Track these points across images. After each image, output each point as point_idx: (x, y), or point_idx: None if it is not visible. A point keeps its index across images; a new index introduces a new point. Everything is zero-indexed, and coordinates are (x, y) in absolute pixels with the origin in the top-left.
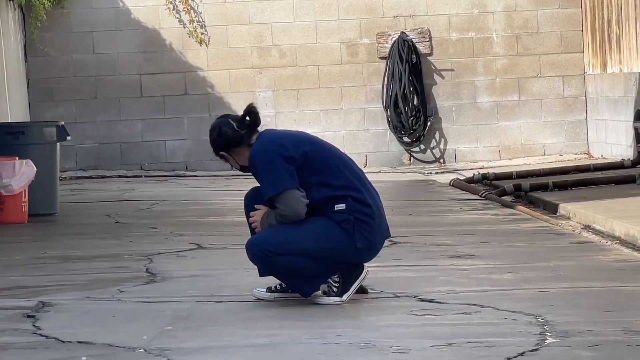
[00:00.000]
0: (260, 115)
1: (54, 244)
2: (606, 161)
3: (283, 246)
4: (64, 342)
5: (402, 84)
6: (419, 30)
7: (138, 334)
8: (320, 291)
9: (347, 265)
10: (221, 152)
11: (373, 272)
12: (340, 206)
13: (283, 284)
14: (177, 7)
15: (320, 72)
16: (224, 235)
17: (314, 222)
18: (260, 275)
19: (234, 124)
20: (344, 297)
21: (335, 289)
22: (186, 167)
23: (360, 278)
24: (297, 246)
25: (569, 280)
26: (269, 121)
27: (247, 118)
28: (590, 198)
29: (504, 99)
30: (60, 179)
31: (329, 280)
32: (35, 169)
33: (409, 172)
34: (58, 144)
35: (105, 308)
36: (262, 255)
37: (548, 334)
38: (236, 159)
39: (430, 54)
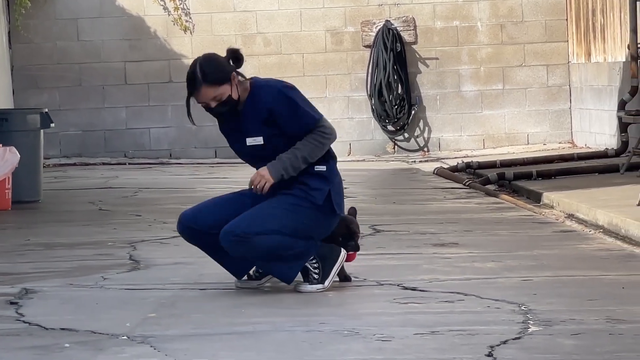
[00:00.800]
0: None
1: (37, 231)
2: (590, 150)
3: (258, 225)
4: (47, 328)
5: (387, 73)
6: (403, 18)
7: (121, 321)
8: (301, 279)
9: (323, 248)
10: (235, 72)
11: (356, 260)
12: (321, 168)
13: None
14: None
15: (305, 60)
16: None
17: (284, 198)
18: (239, 277)
19: None
20: (326, 283)
21: (316, 276)
22: (170, 155)
23: (339, 261)
24: (272, 223)
25: (552, 269)
26: None
27: (231, 62)
28: (573, 187)
29: (488, 88)
30: (44, 166)
31: (309, 267)
32: (19, 156)
33: (392, 161)
34: (42, 131)
35: (89, 295)
36: (239, 239)
37: (531, 322)
38: (238, 87)
39: (414, 43)
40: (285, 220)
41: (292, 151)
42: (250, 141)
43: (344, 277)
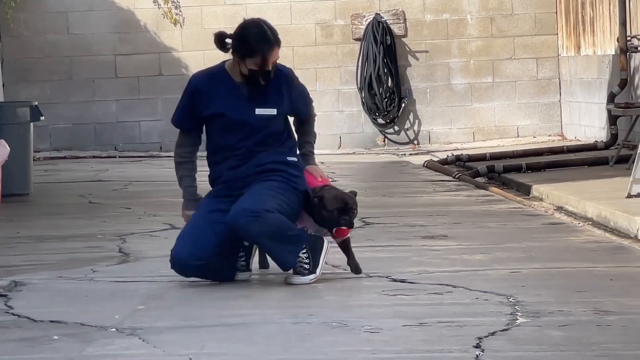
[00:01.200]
0: None
1: (27, 224)
2: (579, 143)
3: (263, 203)
4: (36, 321)
5: (377, 66)
6: (393, 11)
7: (110, 313)
8: (290, 272)
9: (310, 238)
10: None
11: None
12: (294, 159)
13: (245, 260)
14: None
15: (295, 53)
16: None
17: (270, 183)
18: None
19: None
20: (317, 272)
21: (307, 267)
22: (160, 148)
23: (324, 250)
24: (272, 202)
25: (541, 261)
26: None
27: None
28: (563, 179)
29: (478, 80)
30: (34, 160)
31: (300, 256)
32: (9, 149)
33: (383, 154)
34: (32, 124)
35: (78, 287)
36: (255, 215)
37: (519, 314)
38: None
39: (404, 36)
40: (279, 200)
41: (311, 148)
42: (260, 111)
43: (355, 269)
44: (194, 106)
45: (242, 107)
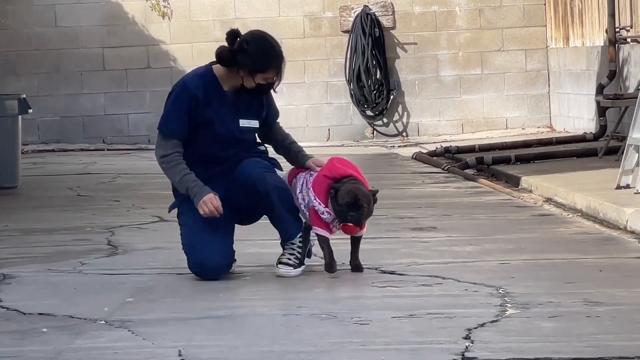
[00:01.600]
0: None
1: (15, 217)
2: (568, 134)
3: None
4: (24, 313)
5: (365, 58)
6: (382, 3)
7: (99, 305)
8: (280, 263)
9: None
10: None
11: (335, 244)
12: (263, 148)
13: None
14: None
15: (283, 45)
16: None
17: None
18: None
19: None
20: (306, 263)
21: (299, 256)
22: (149, 141)
23: (311, 244)
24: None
25: (530, 252)
26: None
27: None
28: (552, 171)
29: (467, 72)
30: (23, 153)
31: (295, 242)
32: None
33: (372, 146)
34: (20, 117)
35: (67, 280)
36: (268, 169)
37: (508, 305)
38: None
39: (393, 28)
40: None
41: (299, 145)
42: (244, 123)
43: (355, 267)
44: (191, 112)
45: (227, 117)
